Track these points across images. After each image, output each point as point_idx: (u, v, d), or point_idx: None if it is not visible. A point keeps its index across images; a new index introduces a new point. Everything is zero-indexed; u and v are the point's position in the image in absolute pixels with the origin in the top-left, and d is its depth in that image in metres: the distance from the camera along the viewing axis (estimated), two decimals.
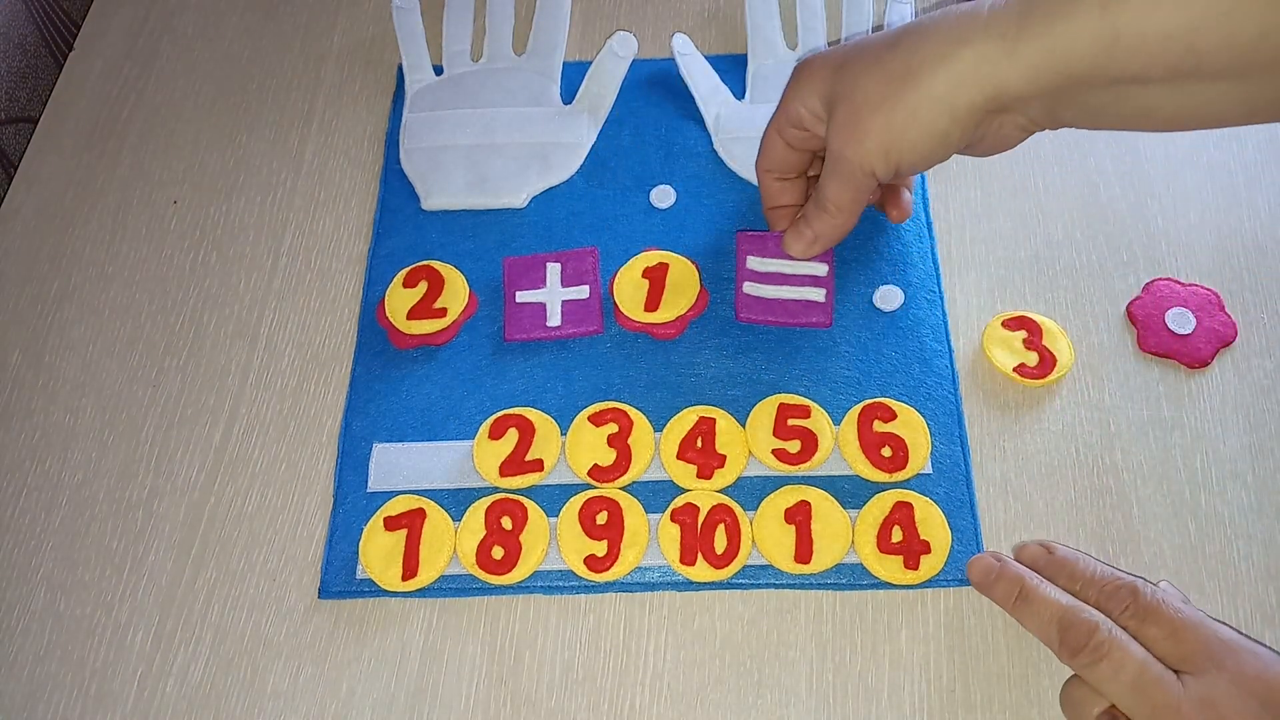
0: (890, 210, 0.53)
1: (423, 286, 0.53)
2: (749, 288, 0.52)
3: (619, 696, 0.44)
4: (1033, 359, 0.50)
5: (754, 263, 0.52)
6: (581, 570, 0.46)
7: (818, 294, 0.51)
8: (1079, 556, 0.43)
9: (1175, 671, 0.39)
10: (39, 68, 0.69)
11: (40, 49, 0.69)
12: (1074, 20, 0.38)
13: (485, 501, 0.47)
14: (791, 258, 0.51)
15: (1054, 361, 0.50)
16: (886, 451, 0.48)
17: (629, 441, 0.49)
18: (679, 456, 0.48)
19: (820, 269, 0.52)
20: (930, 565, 0.45)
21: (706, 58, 0.59)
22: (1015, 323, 0.51)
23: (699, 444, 0.48)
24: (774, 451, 0.48)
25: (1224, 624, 0.40)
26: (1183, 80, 0.38)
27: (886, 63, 0.42)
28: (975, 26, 0.40)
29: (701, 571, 0.46)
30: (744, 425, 0.49)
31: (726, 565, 0.46)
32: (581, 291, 0.53)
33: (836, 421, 0.49)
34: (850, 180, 0.46)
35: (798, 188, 0.51)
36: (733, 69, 0.60)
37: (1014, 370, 0.50)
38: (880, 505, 0.47)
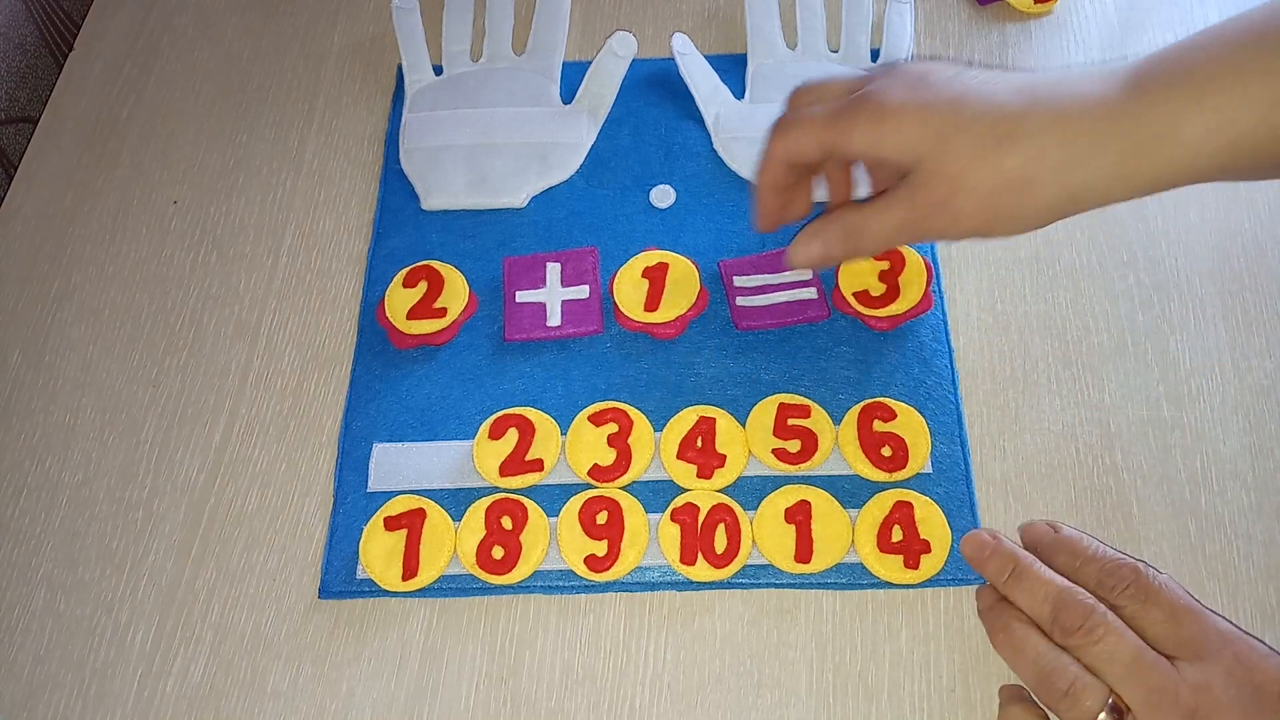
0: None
1: (423, 286, 0.53)
2: (742, 300, 0.52)
3: (619, 696, 0.44)
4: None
5: (741, 280, 0.52)
6: (581, 570, 0.46)
7: (809, 292, 0.52)
8: (1083, 536, 0.44)
9: (1169, 658, 0.39)
10: (39, 68, 0.69)
11: (40, 49, 0.69)
12: (1183, 142, 0.38)
13: (485, 501, 0.47)
14: (781, 269, 0.49)
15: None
16: (886, 451, 0.48)
17: (629, 441, 0.49)
18: (679, 456, 0.48)
19: (805, 273, 0.52)
20: (930, 565, 0.45)
21: (706, 58, 0.59)
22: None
23: (699, 444, 0.48)
24: (774, 451, 0.48)
25: (1222, 616, 0.40)
26: None
27: (997, 160, 0.40)
28: (1089, 143, 0.39)
29: (701, 571, 0.46)
30: (744, 425, 0.49)
31: (726, 565, 0.46)
32: (581, 291, 0.53)
33: (836, 421, 0.49)
34: (912, 239, 0.45)
35: (794, 175, 0.47)
36: (733, 69, 0.60)
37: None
38: (880, 505, 0.47)
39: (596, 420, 0.49)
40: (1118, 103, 0.39)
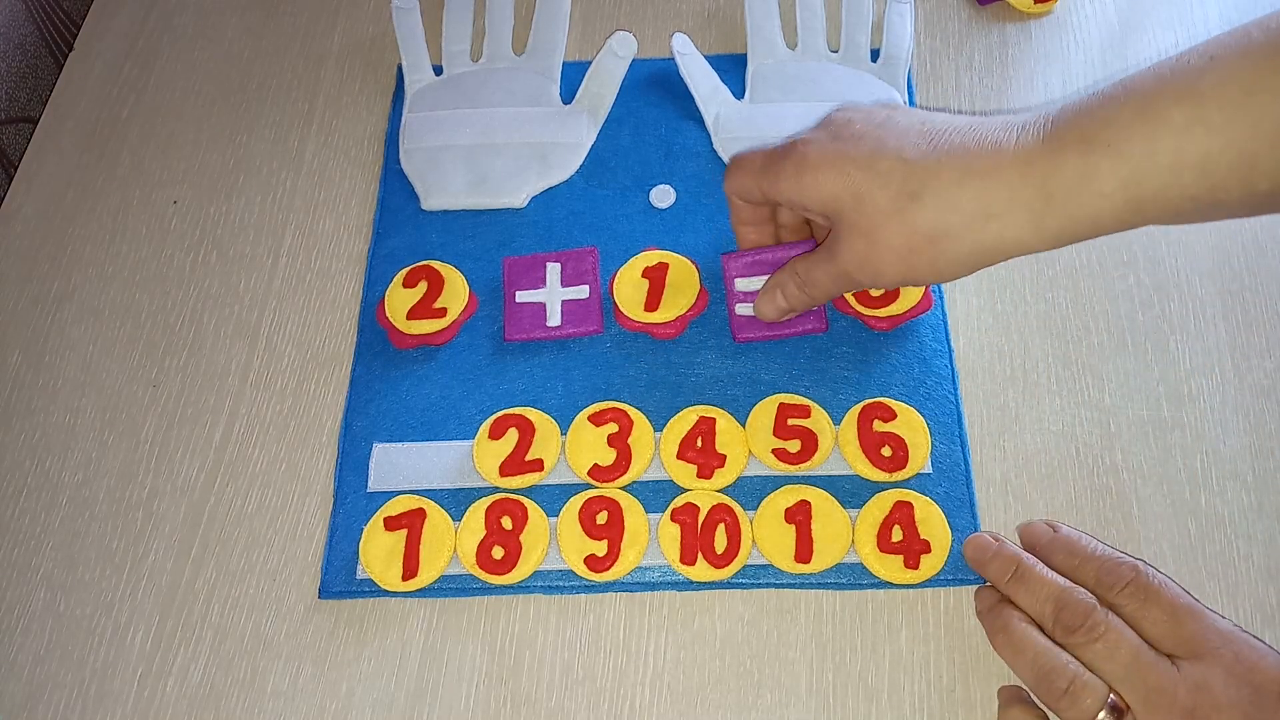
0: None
1: (423, 286, 0.53)
2: (741, 309, 0.52)
3: (619, 696, 0.44)
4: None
5: (742, 284, 0.52)
6: (581, 570, 0.46)
7: None
8: (1081, 535, 0.44)
9: (1170, 657, 0.39)
10: (39, 68, 0.69)
11: (40, 49, 0.69)
12: (1098, 192, 0.38)
13: (485, 501, 0.47)
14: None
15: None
16: (886, 451, 0.48)
17: (629, 441, 0.49)
18: (679, 456, 0.48)
19: None
20: (930, 565, 0.45)
21: (706, 58, 0.59)
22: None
23: (699, 444, 0.48)
24: (774, 451, 0.48)
25: (1221, 616, 0.40)
26: (1200, 218, 0.39)
27: (909, 217, 0.41)
28: (1000, 195, 0.40)
29: (701, 571, 0.46)
30: (744, 425, 0.49)
31: (726, 565, 0.46)
32: (581, 291, 0.53)
33: (836, 421, 0.49)
34: (848, 289, 0.47)
35: (765, 213, 0.51)
36: (733, 69, 0.60)
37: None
38: (880, 505, 0.47)
39: (596, 420, 0.49)
40: (1033, 154, 0.39)
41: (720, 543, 0.46)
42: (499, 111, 0.59)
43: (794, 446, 0.48)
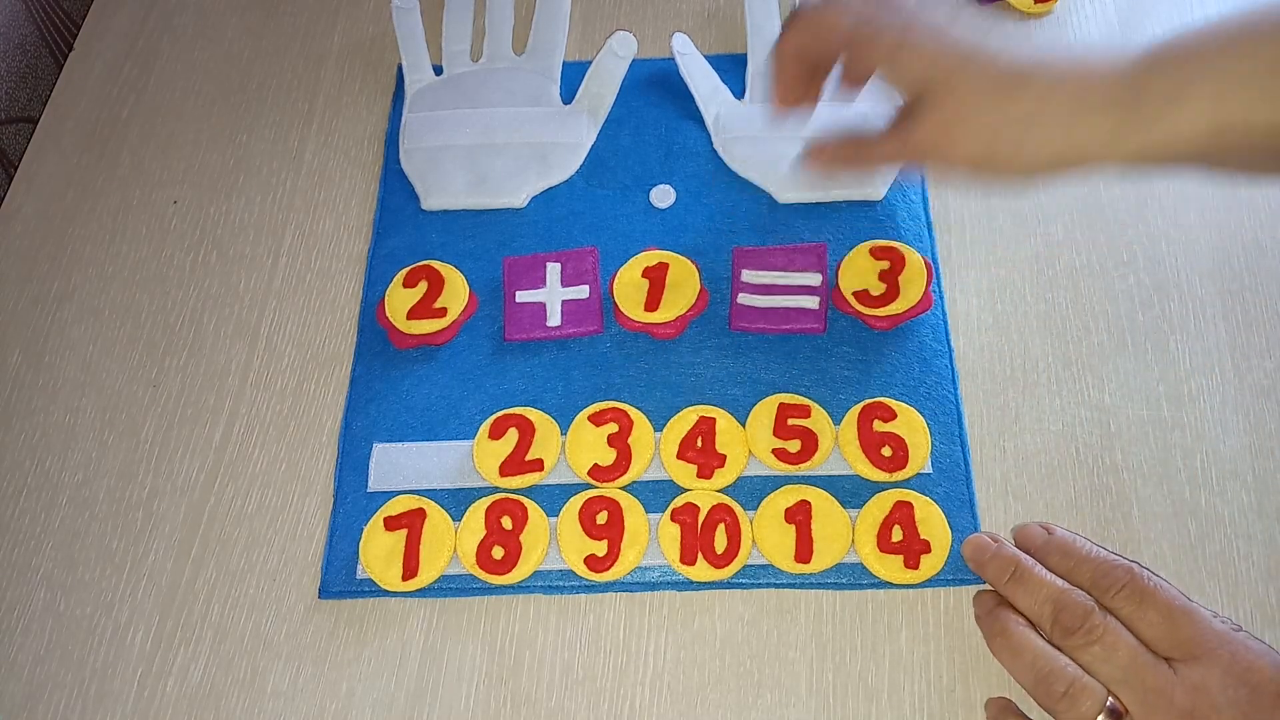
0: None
1: (423, 286, 0.53)
2: (744, 299, 0.52)
3: (619, 696, 0.44)
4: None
5: (749, 275, 0.52)
6: (581, 570, 0.46)
7: (811, 301, 0.51)
8: (1076, 537, 0.44)
9: (1167, 659, 0.39)
10: (39, 68, 0.69)
11: (40, 49, 0.69)
12: (1184, 111, 0.38)
13: (485, 501, 0.47)
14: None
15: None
16: (887, 451, 0.48)
17: (629, 441, 0.49)
18: (679, 456, 0.48)
19: (814, 278, 0.52)
20: (930, 565, 0.45)
21: (706, 58, 0.59)
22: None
23: (699, 444, 0.48)
24: (774, 451, 0.48)
25: (1218, 615, 0.40)
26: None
27: (1005, 99, 0.41)
28: (1092, 102, 0.40)
29: (701, 571, 0.46)
30: (744, 425, 0.49)
31: (726, 565, 0.46)
32: (581, 291, 0.53)
33: (836, 421, 0.49)
34: (909, 161, 0.46)
35: (814, 71, 0.48)
36: (733, 69, 0.60)
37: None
38: (880, 505, 0.47)
39: (596, 420, 0.49)
40: (1126, 71, 0.39)
41: (720, 543, 0.46)
42: (499, 111, 0.59)
43: (794, 446, 0.48)
